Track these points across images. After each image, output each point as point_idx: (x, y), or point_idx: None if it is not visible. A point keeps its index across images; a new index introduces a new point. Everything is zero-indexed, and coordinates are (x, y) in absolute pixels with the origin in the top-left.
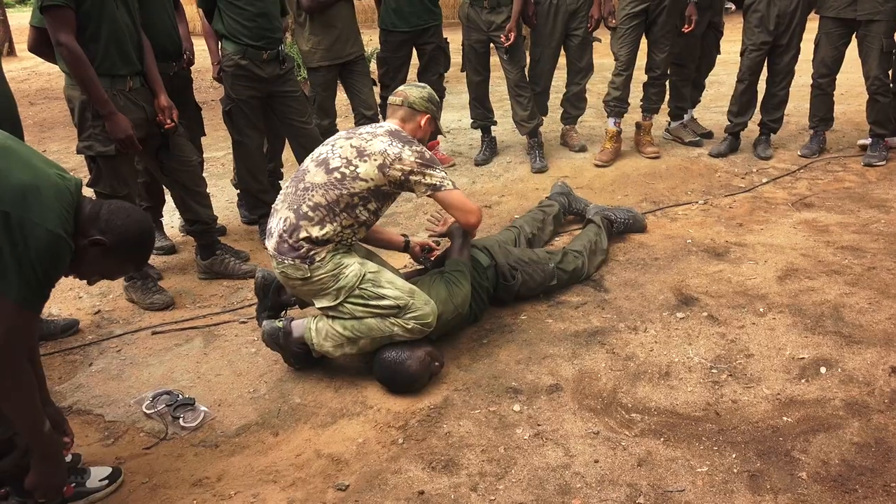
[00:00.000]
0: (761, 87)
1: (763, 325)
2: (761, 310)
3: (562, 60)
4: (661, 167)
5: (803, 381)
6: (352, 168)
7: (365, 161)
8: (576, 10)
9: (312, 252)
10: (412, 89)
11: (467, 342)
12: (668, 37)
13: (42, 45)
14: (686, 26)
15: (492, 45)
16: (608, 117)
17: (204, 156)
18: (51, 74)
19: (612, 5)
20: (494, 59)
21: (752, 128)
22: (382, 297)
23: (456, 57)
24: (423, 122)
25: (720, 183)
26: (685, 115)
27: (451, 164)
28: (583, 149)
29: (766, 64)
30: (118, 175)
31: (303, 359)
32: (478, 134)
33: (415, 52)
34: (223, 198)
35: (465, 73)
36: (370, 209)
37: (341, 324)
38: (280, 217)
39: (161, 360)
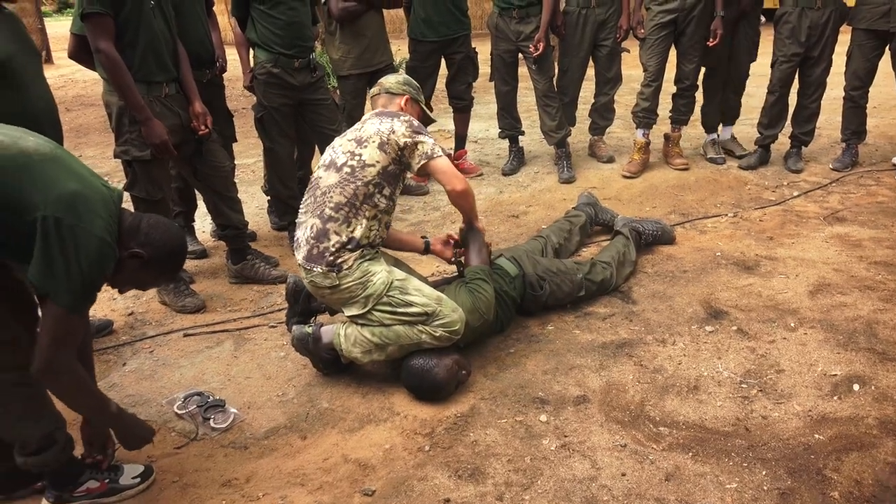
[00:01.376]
0: (792, 99)
1: (794, 340)
2: (792, 325)
3: (590, 71)
4: (690, 179)
5: (836, 398)
6: (357, 158)
7: (365, 146)
8: (605, 20)
9: (341, 259)
10: (388, 77)
11: (494, 351)
12: (696, 48)
13: (81, 51)
14: (711, 40)
15: (520, 55)
16: (636, 128)
17: (235, 162)
18: (86, 81)
19: (641, 16)
20: (523, 69)
21: (784, 140)
22: (410, 305)
23: (484, 67)
24: (402, 104)
25: (750, 196)
26: (716, 133)
27: (478, 174)
28: (611, 160)
29: (797, 76)
30: (153, 179)
31: (331, 364)
32: (505, 144)
33: (444, 61)
34: (254, 204)
35: (493, 82)
36: (385, 195)
37: (370, 330)
38: (306, 226)
39: (192, 362)
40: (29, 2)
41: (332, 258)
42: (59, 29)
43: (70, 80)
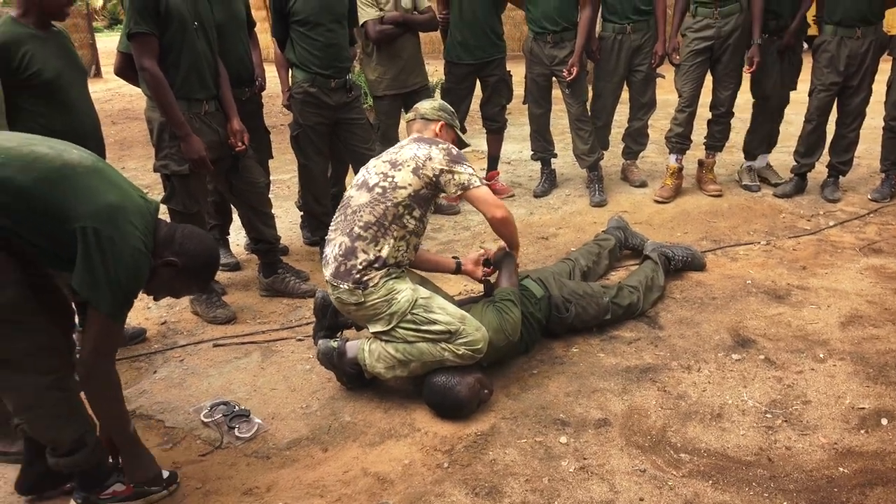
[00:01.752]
0: (830, 127)
1: (822, 371)
2: (821, 356)
3: (624, 95)
4: (723, 206)
5: (863, 431)
6: (390, 180)
7: (399, 170)
8: (640, 46)
9: (367, 277)
10: (423, 102)
11: (517, 371)
12: (732, 75)
13: (127, 69)
14: (747, 67)
15: (554, 78)
16: (670, 153)
17: (271, 178)
18: (132, 96)
19: (677, 42)
20: (556, 93)
21: (821, 169)
22: (434, 323)
23: (518, 89)
24: (438, 129)
25: (784, 224)
26: (754, 161)
27: (510, 195)
28: (643, 184)
29: (835, 105)
30: (190, 193)
31: (355, 379)
32: (538, 166)
33: (479, 83)
34: (287, 219)
35: (526, 105)
36: (415, 216)
37: (394, 346)
38: (335, 243)
39: (220, 372)
40: (81, 17)
41: (358, 276)
42: (109, 44)
43: (117, 94)
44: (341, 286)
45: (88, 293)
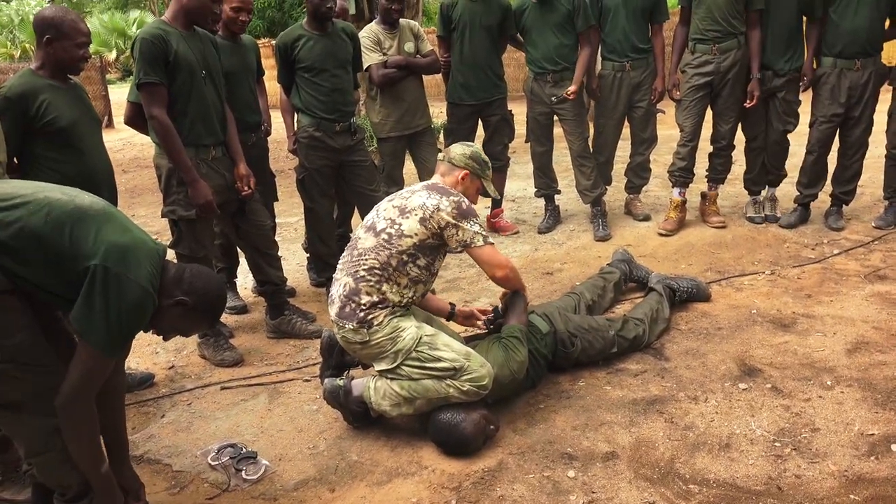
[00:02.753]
0: (833, 157)
1: (830, 398)
2: (829, 383)
3: (626, 131)
4: (727, 237)
5: (872, 458)
6: (396, 227)
7: (407, 217)
8: (639, 83)
9: (371, 316)
10: (457, 146)
11: (524, 406)
12: (733, 108)
13: (137, 117)
14: (748, 101)
15: (555, 116)
16: (673, 187)
17: (277, 221)
18: (143, 145)
19: (677, 78)
20: (558, 130)
21: (824, 198)
22: (439, 360)
23: (521, 128)
24: (461, 177)
25: (789, 254)
26: (760, 195)
27: (514, 232)
28: (647, 218)
29: (837, 135)
30: (197, 238)
31: (361, 417)
32: (542, 202)
33: (481, 123)
34: (294, 261)
35: (529, 143)
36: (420, 265)
37: (399, 384)
38: (340, 283)
39: (228, 414)
40: (95, 70)
41: (363, 315)
42: (121, 95)
43: (128, 143)
44: (346, 325)
45: (82, 325)
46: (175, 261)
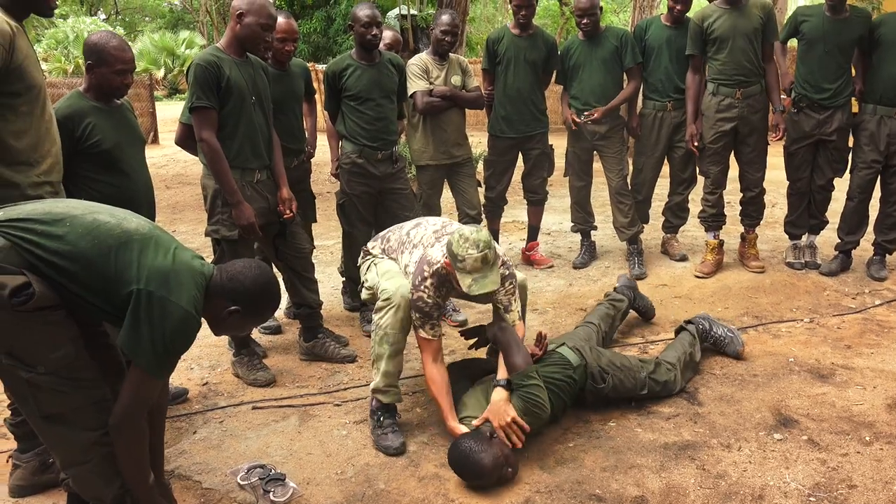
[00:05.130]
0: (875, 203)
1: (869, 454)
2: (867, 438)
3: (665, 170)
4: (766, 282)
5: None
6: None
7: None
8: (680, 123)
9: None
10: (465, 228)
11: (553, 444)
12: (762, 155)
13: (187, 139)
14: (773, 135)
15: (595, 153)
16: (706, 231)
17: (315, 243)
18: (186, 162)
19: (695, 127)
20: (597, 166)
21: (866, 246)
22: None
23: (560, 161)
24: (445, 262)
25: (828, 302)
26: (800, 239)
27: (549, 266)
28: (683, 258)
29: (879, 182)
30: (237, 258)
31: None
32: (578, 237)
33: (521, 156)
34: (329, 283)
35: (567, 177)
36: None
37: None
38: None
39: (258, 435)
40: (143, 87)
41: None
42: (168, 112)
43: (172, 160)
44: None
45: (130, 349)
46: None
